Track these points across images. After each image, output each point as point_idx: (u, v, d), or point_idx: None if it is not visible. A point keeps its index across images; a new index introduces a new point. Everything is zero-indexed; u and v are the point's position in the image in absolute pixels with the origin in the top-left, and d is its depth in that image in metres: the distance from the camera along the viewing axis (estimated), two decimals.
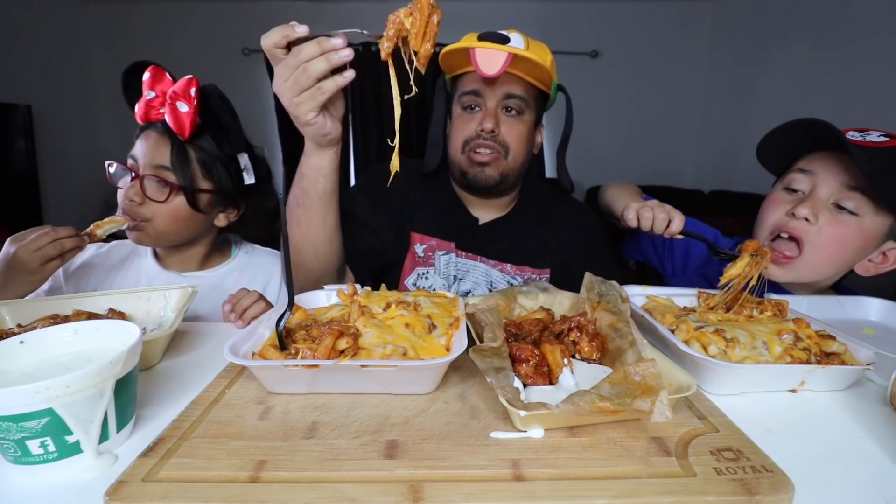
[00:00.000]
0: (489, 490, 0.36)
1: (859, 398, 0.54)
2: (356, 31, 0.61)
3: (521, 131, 0.93)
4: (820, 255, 0.77)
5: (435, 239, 0.99)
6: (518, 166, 0.95)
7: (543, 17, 3.46)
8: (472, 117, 0.92)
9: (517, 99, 0.90)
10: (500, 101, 0.90)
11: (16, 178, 2.95)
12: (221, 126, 0.90)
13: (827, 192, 0.77)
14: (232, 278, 1.00)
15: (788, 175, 0.83)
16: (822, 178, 0.77)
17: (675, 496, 0.35)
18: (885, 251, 0.78)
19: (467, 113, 0.93)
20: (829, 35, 2.56)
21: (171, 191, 0.87)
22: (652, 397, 0.39)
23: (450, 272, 0.99)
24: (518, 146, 0.93)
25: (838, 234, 0.76)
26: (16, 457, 0.38)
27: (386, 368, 0.47)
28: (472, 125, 0.91)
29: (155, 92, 0.87)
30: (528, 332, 0.58)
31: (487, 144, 0.91)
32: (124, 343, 0.43)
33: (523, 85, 0.90)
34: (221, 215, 0.97)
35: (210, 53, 3.50)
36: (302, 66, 0.60)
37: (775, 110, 2.88)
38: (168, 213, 0.88)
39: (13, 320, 0.66)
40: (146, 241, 0.92)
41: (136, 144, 0.90)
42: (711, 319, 0.63)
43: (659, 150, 3.76)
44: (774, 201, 0.83)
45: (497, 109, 0.91)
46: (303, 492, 0.35)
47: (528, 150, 0.97)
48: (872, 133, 0.76)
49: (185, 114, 0.85)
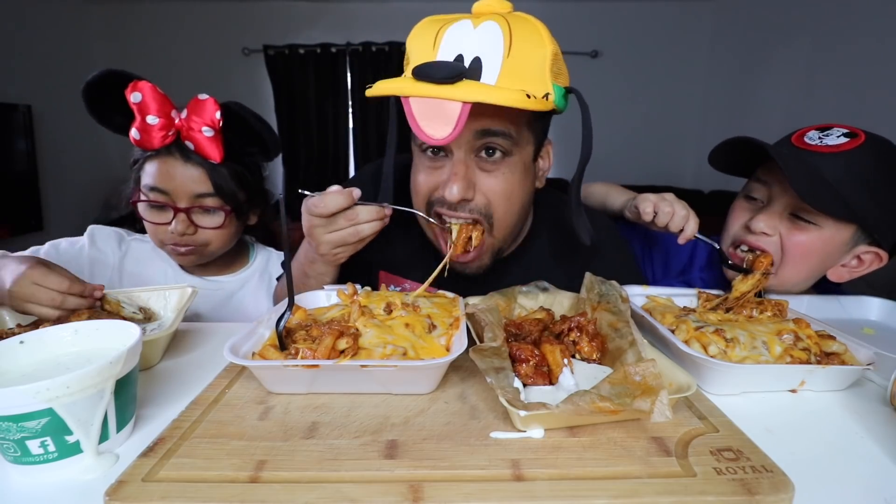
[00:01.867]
0: (489, 490, 0.36)
1: (859, 398, 0.54)
2: (407, 210, 0.67)
3: (510, 182, 0.67)
4: (784, 265, 0.75)
5: (408, 282, 0.81)
6: (513, 225, 0.73)
7: (543, 17, 3.42)
8: (435, 165, 0.67)
9: (500, 137, 0.63)
10: (474, 142, 0.63)
11: (16, 178, 2.95)
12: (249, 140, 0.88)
13: (782, 204, 0.74)
14: (253, 281, 1.01)
15: (750, 183, 0.81)
16: (777, 189, 0.75)
17: (675, 496, 0.35)
18: (859, 255, 0.74)
19: (428, 159, 0.68)
20: (829, 35, 2.56)
21: (226, 216, 0.87)
22: (652, 397, 0.39)
23: None
24: (508, 206, 0.69)
25: (798, 244, 0.73)
26: (16, 457, 0.38)
27: (386, 368, 0.47)
28: (435, 177, 0.67)
29: (156, 115, 0.79)
30: (528, 332, 0.58)
31: (461, 216, 0.67)
32: (124, 343, 0.43)
33: (508, 115, 0.61)
34: (252, 215, 0.97)
35: (210, 53, 3.50)
36: (354, 228, 0.64)
37: (775, 110, 2.89)
38: (223, 234, 0.90)
39: (13, 320, 0.66)
40: (200, 261, 0.92)
41: (149, 172, 0.84)
42: (711, 319, 0.63)
43: (659, 150, 3.76)
44: (736, 209, 0.81)
45: (469, 157, 0.65)
46: (303, 492, 0.35)
47: (524, 199, 0.72)
48: (834, 132, 0.72)
49: (210, 139, 0.82)
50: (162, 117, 0.80)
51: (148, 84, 0.79)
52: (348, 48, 3.36)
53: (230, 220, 0.89)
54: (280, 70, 3.44)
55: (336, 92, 3.49)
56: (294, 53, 3.39)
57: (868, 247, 0.74)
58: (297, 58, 3.40)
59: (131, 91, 0.78)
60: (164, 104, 0.80)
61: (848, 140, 0.70)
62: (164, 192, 0.84)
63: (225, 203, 0.87)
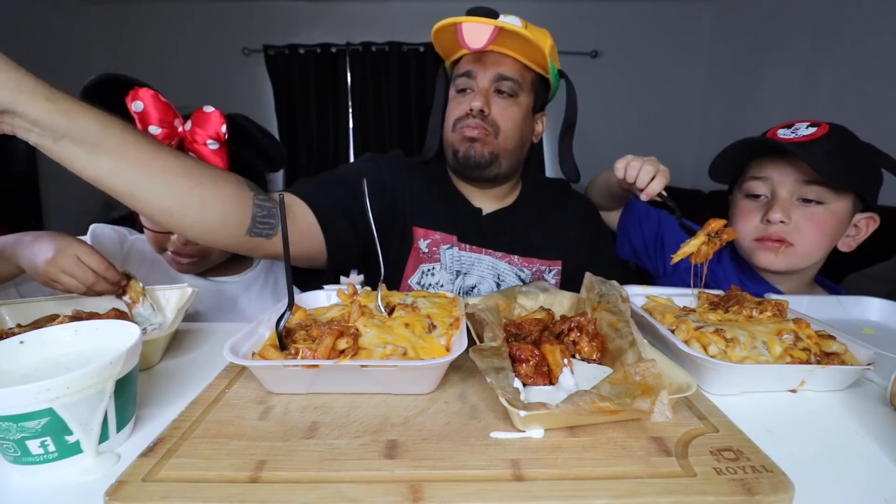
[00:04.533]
0: (489, 490, 0.36)
1: (859, 398, 0.54)
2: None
3: (514, 113, 0.90)
4: (809, 243, 0.83)
5: (438, 233, 0.96)
6: (512, 149, 0.92)
7: (543, 17, 3.46)
8: (465, 99, 0.90)
9: (509, 81, 0.88)
10: (492, 82, 0.88)
11: (16, 178, 2.95)
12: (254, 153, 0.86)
13: (787, 192, 0.82)
14: (258, 282, 1.00)
15: (746, 184, 0.88)
16: (778, 180, 0.83)
17: (675, 496, 0.35)
18: (856, 224, 0.84)
19: (461, 95, 0.92)
20: (829, 35, 2.56)
21: None
22: (652, 397, 0.39)
23: (454, 266, 0.96)
24: (510, 128, 0.90)
25: (815, 223, 0.81)
26: (16, 457, 0.38)
27: (386, 368, 0.47)
28: (464, 105, 0.90)
29: (158, 125, 0.76)
30: (528, 332, 0.58)
31: (476, 123, 0.88)
32: (124, 343, 0.43)
33: (517, 67, 0.88)
34: None
35: (210, 53, 3.49)
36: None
37: (775, 110, 2.89)
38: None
39: (13, 320, 0.66)
40: (197, 270, 0.91)
41: None
42: (711, 319, 0.63)
43: (659, 150, 3.71)
44: (743, 211, 0.88)
45: (489, 90, 0.89)
46: (303, 492, 0.35)
47: (523, 134, 0.93)
48: (800, 126, 0.81)
49: (216, 151, 0.79)
50: (164, 127, 0.76)
51: (150, 91, 0.75)
52: (348, 48, 3.36)
53: None
54: (280, 70, 3.44)
55: (336, 92, 3.48)
56: (294, 53, 3.39)
57: (862, 214, 0.84)
58: (297, 58, 3.40)
59: (132, 100, 0.75)
60: (166, 113, 0.76)
61: (816, 129, 0.79)
62: None
63: None
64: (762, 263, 0.86)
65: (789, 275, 0.88)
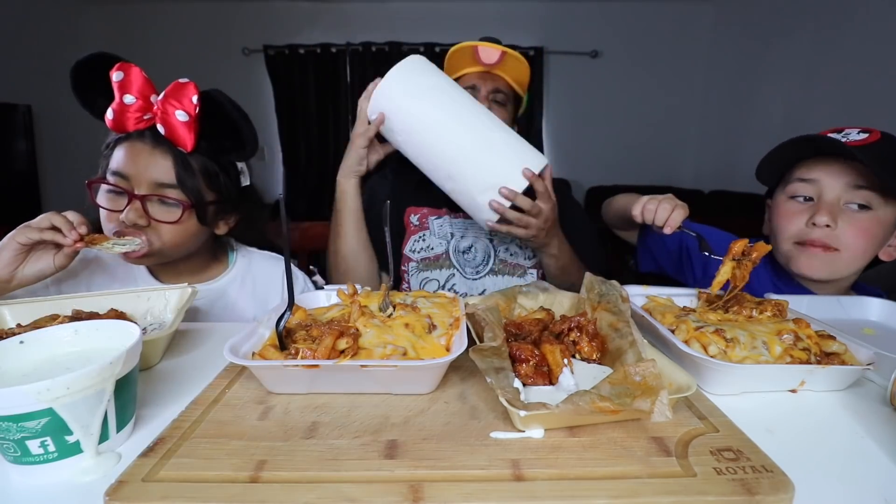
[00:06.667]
0: (489, 490, 0.36)
1: (859, 398, 0.54)
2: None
3: (504, 116, 1.12)
4: (854, 251, 0.81)
5: (426, 208, 1.14)
6: None
7: (543, 17, 3.46)
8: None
9: (503, 93, 1.13)
10: (490, 92, 1.12)
11: (16, 178, 2.95)
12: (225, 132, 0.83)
13: (834, 195, 0.81)
14: (234, 287, 0.95)
15: (790, 185, 0.86)
16: (826, 183, 0.81)
17: (675, 496, 0.35)
18: None
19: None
20: (829, 35, 2.56)
21: (182, 210, 0.80)
22: (652, 397, 0.39)
23: (445, 231, 1.12)
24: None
25: (861, 229, 0.80)
26: (16, 457, 0.38)
27: (386, 368, 0.47)
28: None
29: (134, 96, 0.76)
30: (528, 332, 0.58)
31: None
32: (124, 343, 0.43)
33: (507, 85, 1.14)
34: (222, 223, 0.90)
35: (210, 53, 3.50)
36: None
37: (775, 110, 2.89)
38: (177, 233, 0.81)
39: (13, 320, 0.66)
40: (147, 262, 0.85)
41: (116, 157, 0.79)
42: (711, 319, 0.63)
43: (659, 150, 3.77)
44: (787, 212, 0.86)
45: (487, 98, 1.12)
46: (303, 492, 0.35)
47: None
48: (851, 132, 0.80)
49: (185, 124, 0.76)
50: (140, 99, 0.76)
51: (136, 68, 0.76)
52: (348, 48, 3.36)
53: (188, 216, 0.81)
54: (280, 70, 3.44)
55: (336, 92, 3.49)
56: (294, 53, 3.39)
57: None
58: (297, 58, 3.40)
59: (116, 70, 0.75)
60: (145, 87, 0.77)
61: (868, 135, 0.78)
62: (126, 176, 0.78)
63: (186, 198, 0.80)
64: (801, 269, 0.84)
65: (827, 283, 0.85)
